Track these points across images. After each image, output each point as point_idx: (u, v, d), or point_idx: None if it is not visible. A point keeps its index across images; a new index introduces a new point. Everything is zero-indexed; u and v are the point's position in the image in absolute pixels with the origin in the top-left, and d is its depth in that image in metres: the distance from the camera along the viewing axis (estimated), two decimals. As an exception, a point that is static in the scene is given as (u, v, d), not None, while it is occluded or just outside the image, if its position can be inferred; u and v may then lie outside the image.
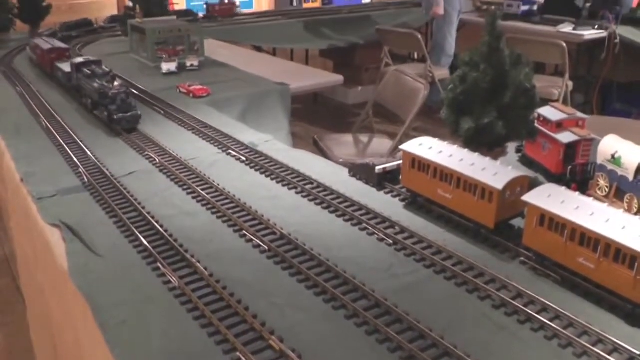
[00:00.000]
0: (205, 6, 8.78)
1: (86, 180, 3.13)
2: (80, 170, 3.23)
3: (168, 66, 5.31)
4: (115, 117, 3.76)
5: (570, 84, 7.64)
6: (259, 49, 8.71)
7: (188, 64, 5.48)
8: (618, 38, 7.73)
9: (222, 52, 6.43)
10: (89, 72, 4.16)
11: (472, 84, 2.93)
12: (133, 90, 4.56)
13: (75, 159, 3.37)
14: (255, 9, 10.52)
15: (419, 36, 8.33)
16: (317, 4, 10.87)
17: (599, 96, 8.64)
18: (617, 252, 1.96)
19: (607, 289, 2.03)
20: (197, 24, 5.90)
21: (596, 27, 7.94)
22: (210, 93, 4.69)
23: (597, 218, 2.05)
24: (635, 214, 2.52)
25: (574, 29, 8.02)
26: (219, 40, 7.32)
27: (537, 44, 7.54)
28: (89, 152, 3.45)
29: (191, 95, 4.62)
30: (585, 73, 8.62)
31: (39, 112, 4.27)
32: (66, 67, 4.74)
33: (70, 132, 3.82)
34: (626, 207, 2.62)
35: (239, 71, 5.58)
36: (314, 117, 9.10)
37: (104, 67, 4.28)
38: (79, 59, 4.44)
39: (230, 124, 4.00)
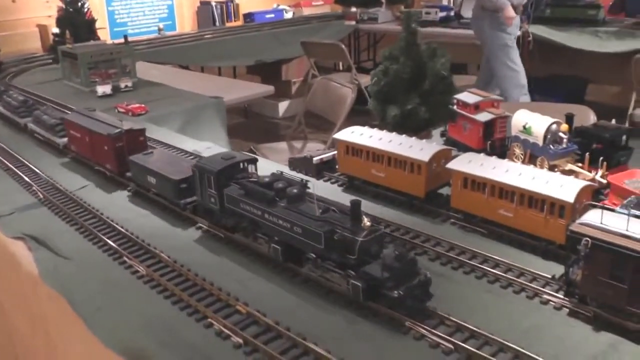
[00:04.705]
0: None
1: (42, 196, 3.28)
2: (34, 188, 3.38)
3: (103, 89, 5.46)
4: (393, 294, 1.96)
5: (492, 80, 8.07)
6: (187, 69, 8.89)
7: (122, 85, 5.63)
8: (531, 36, 8.15)
9: (153, 73, 6.61)
10: (267, 191, 2.37)
11: (394, 76, 3.24)
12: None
13: (27, 179, 3.51)
14: (178, 30, 10.68)
15: (343, 46, 8.66)
16: (240, 23, 11.12)
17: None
18: (530, 199, 2.28)
19: (526, 233, 2.35)
20: (128, 46, 6.04)
21: (510, 26, 8.34)
22: (148, 110, 4.86)
23: (511, 174, 2.37)
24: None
25: (490, 30, 8.43)
26: (148, 62, 7.48)
27: (457, 46, 7.99)
28: (39, 172, 3.60)
29: (130, 113, 4.78)
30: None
31: (-19, 143, 4.35)
32: (172, 171, 2.90)
33: (17, 155, 3.94)
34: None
35: (173, 89, 5.77)
36: (246, 132, 9.29)
37: (286, 174, 2.53)
38: (221, 161, 2.62)
39: (171, 135, 4.20)
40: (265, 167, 3.42)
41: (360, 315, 2.07)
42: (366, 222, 2.07)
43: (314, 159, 3.26)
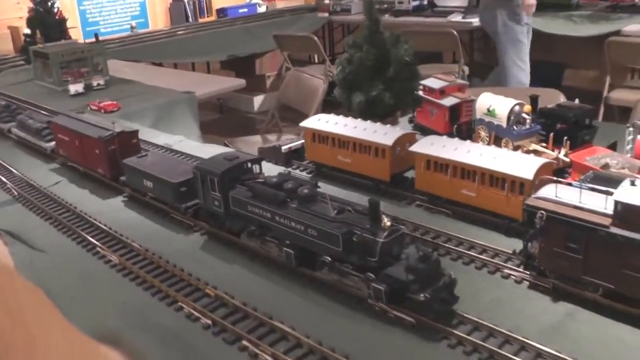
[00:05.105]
0: None
1: (16, 193, 3.31)
2: (8, 185, 3.41)
3: (75, 87, 5.46)
4: (419, 297, 1.87)
5: (466, 68, 8.14)
6: (160, 65, 8.88)
7: (94, 83, 5.63)
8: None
9: (125, 71, 6.60)
10: (277, 192, 2.25)
11: (358, 63, 3.31)
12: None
13: (1, 177, 3.54)
14: (151, 27, 10.66)
15: (315, 38, 8.70)
16: (213, 18, 11.12)
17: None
18: (491, 178, 2.36)
19: (489, 212, 2.42)
20: (99, 45, 6.05)
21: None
22: (120, 107, 4.88)
23: (472, 154, 2.44)
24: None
25: (463, 17, 8.55)
26: (120, 60, 7.47)
27: (431, 34, 8.03)
28: (12, 169, 3.63)
29: (102, 111, 4.80)
30: (482, 59, 9.13)
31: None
32: (171, 174, 2.77)
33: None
34: (503, 150, 3.01)
35: (146, 85, 5.79)
36: (222, 128, 9.27)
37: (294, 173, 2.55)
38: (225, 162, 2.50)
39: (143, 130, 4.19)
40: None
41: (326, 294, 2.12)
42: (386, 222, 1.97)
43: (283, 147, 3.31)
